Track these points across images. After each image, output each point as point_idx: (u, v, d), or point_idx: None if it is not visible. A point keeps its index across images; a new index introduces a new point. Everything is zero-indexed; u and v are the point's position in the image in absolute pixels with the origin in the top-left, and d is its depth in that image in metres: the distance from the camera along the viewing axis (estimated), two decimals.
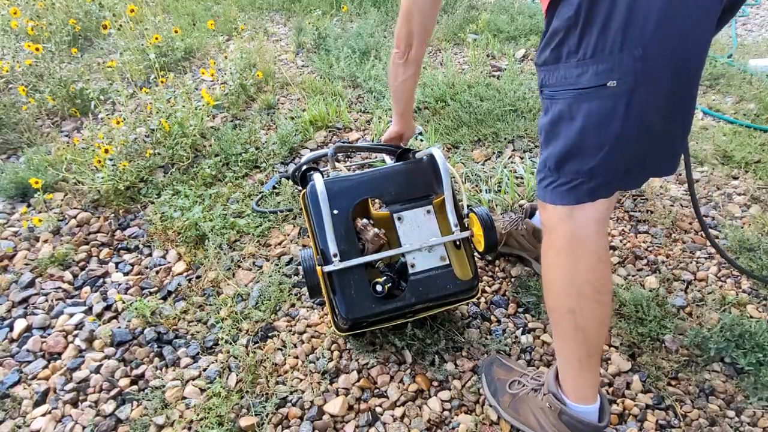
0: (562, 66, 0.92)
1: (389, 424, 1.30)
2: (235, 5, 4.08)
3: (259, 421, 1.30)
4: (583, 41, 0.87)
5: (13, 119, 2.44)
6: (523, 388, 1.25)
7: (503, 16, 3.62)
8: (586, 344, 1.06)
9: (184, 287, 1.69)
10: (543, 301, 1.59)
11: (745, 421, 1.29)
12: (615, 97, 0.87)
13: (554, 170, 0.99)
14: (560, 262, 1.03)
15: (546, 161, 1.01)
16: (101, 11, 3.45)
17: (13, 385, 1.40)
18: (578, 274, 1.02)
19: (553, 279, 1.06)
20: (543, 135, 1.01)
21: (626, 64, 0.85)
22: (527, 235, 1.65)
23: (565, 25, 0.89)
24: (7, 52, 2.98)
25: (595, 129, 0.91)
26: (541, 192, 1.04)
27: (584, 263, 1.01)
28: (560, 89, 0.93)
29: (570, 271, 1.02)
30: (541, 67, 0.97)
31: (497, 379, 1.32)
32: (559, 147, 0.97)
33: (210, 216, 1.91)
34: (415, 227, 1.37)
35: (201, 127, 2.34)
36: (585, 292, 1.02)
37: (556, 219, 1.02)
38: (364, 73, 2.90)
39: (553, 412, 1.15)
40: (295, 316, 1.59)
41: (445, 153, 2.28)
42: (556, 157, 0.98)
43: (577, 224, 1.00)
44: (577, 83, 0.90)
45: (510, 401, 1.26)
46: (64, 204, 2.03)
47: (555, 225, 1.03)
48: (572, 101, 0.92)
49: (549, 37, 0.93)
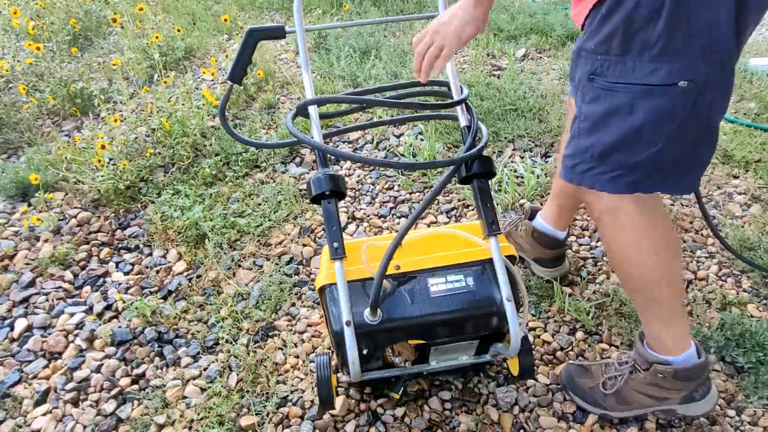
0: (631, 59, 0.88)
1: (390, 423, 1.30)
2: (235, 4, 4.07)
3: (259, 421, 1.30)
4: (661, 37, 0.84)
5: (14, 119, 2.43)
6: (619, 379, 1.25)
7: (503, 15, 3.61)
8: (681, 294, 1.14)
9: (185, 287, 1.69)
10: (544, 300, 1.60)
11: (745, 420, 1.29)
12: (683, 96, 0.87)
13: (597, 159, 0.99)
14: (643, 235, 1.05)
15: (588, 149, 1.00)
16: (102, 11, 3.45)
17: (14, 385, 1.41)
18: (661, 238, 1.05)
19: (639, 254, 1.07)
20: (587, 122, 0.99)
21: (701, 66, 0.85)
22: (525, 236, 1.65)
23: (646, 16, 0.84)
24: (8, 52, 2.98)
25: (654, 126, 0.91)
26: (579, 177, 1.03)
27: (663, 226, 1.05)
28: (624, 82, 0.90)
29: (654, 238, 1.05)
30: (595, 54, 0.93)
31: (589, 389, 1.30)
32: (609, 137, 0.96)
33: (210, 215, 1.91)
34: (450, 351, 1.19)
35: (201, 127, 2.34)
36: (672, 252, 1.08)
37: (617, 200, 1.02)
38: (364, 73, 2.90)
39: (666, 378, 1.18)
40: (296, 316, 1.59)
41: (445, 152, 2.28)
42: (604, 146, 0.97)
43: (644, 198, 1.01)
44: (647, 79, 0.88)
45: (616, 400, 1.26)
46: (65, 203, 2.03)
47: (620, 205, 1.03)
48: (636, 96, 0.90)
49: (619, 24, 0.88)
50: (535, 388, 1.37)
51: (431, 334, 1.11)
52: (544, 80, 2.82)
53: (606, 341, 1.49)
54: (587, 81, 0.97)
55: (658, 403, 1.22)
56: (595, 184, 1.02)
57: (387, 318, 1.07)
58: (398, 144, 2.35)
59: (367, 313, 1.06)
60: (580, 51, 0.98)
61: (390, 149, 2.32)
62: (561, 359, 1.45)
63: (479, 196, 1.12)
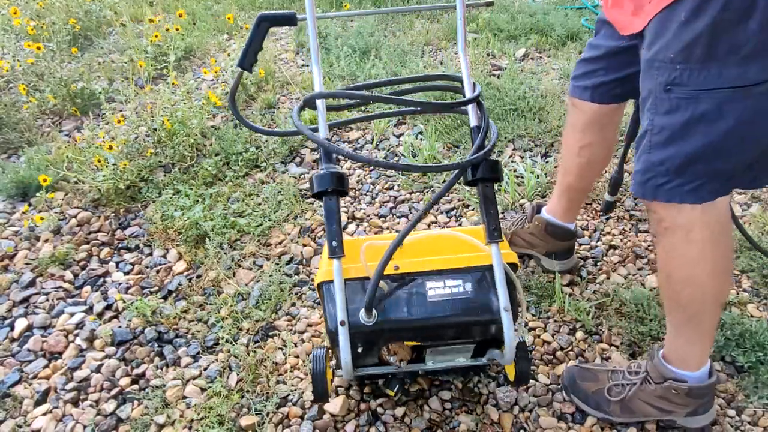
0: (716, 64, 0.85)
1: (390, 423, 1.30)
2: (235, 4, 4.07)
3: (259, 421, 1.30)
4: (752, 38, 0.82)
5: (14, 118, 2.43)
6: (627, 389, 1.25)
7: (503, 15, 3.61)
8: (719, 316, 1.13)
9: (185, 286, 1.69)
10: (544, 299, 1.60)
11: (745, 420, 1.29)
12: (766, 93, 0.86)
13: (674, 171, 0.96)
14: (708, 255, 1.03)
15: (664, 162, 0.96)
16: (102, 11, 3.45)
17: (14, 385, 1.41)
18: (726, 259, 1.05)
19: (701, 273, 1.05)
20: (663, 134, 0.95)
21: None
22: (537, 231, 1.65)
23: (734, 18, 0.81)
24: (8, 52, 2.98)
25: (744, 128, 0.89)
26: (654, 192, 1.00)
27: (727, 246, 1.05)
28: (709, 89, 0.87)
29: (720, 259, 1.04)
30: (674, 64, 0.89)
31: (592, 392, 1.30)
32: (690, 147, 0.93)
33: (210, 215, 1.91)
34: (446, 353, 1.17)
35: (202, 127, 2.34)
36: (728, 272, 1.08)
37: (689, 215, 0.99)
38: (364, 73, 2.90)
39: (680, 394, 1.17)
40: (296, 316, 1.59)
41: (445, 152, 2.28)
42: (684, 157, 0.94)
43: (719, 213, 1.00)
44: (734, 82, 0.85)
45: (620, 408, 1.26)
46: (65, 203, 2.03)
47: (692, 221, 1.00)
48: (723, 100, 0.87)
49: (704, 29, 0.84)
50: (535, 388, 1.37)
51: (427, 337, 1.11)
52: (544, 80, 2.82)
53: (606, 341, 1.49)
54: (663, 92, 0.92)
55: (663, 415, 1.23)
56: (674, 197, 0.98)
57: (382, 319, 1.06)
58: (398, 144, 2.35)
59: (362, 313, 1.05)
60: (652, 62, 0.93)
61: (390, 149, 2.32)
62: (561, 359, 1.45)
63: (483, 200, 1.09)
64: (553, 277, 1.66)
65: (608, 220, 1.93)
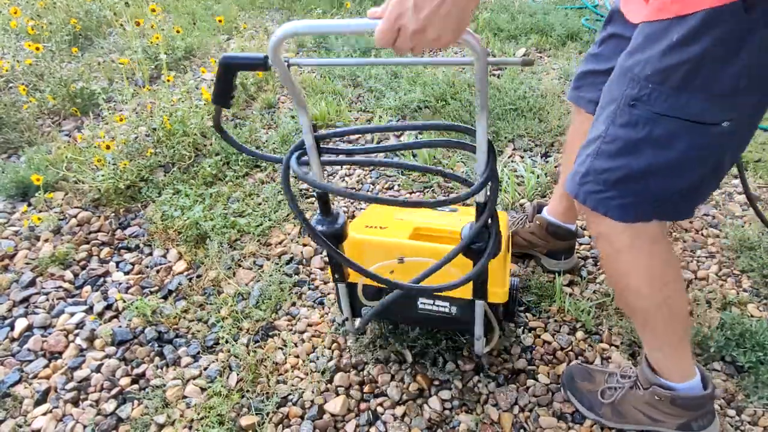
0: (687, 94, 0.84)
1: (390, 423, 1.30)
2: (236, 4, 4.08)
3: (259, 420, 1.30)
4: (730, 80, 0.81)
5: (14, 118, 2.43)
6: (618, 392, 1.25)
7: (503, 15, 3.62)
8: (681, 324, 1.11)
9: (185, 286, 1.69)
10: (544, 299, 1.60)
11: (745, 420, 1.29)
12: (721, 135, 0.86)
13: (611, 183, 0.95)
14: (640, 263, 1.03)
15: (606, 171, 0.96)
16: (102, 11, 3.45)
17: (14, 385, 1.41)
18: (659, 267, 1.03)
19: (637, 281, 1.05)
20: (614, 145, 0.94)
21: (745, 107, 0.85)
22: (538, 231, 1.65)
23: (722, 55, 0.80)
24: (8, 52, 2.98)
25: (688, 161, 0.89)
26: (585, 196, 1.00)
27: (660, 255, 1.03)
28: (671, 115, 0.86)
29: (651, 267, 1.03)
30: (647, 82, 0.87)
31: (587, 392, 1.31)
32: (636, 165, 0.92)
33: (210, 215, 1.91)
34: None
35: (202, 126, 2.34)
36: (670, 279, 1.05)
37: (611, 226, 1.00)
38: (364, 72, 2.90)
39: (664, 402, 1.17)
40: (296, 315, 1.59)
41: (445, 152, 2.28)
42: (626, 173, 0.93)
43: (642, 230, 0.99)
44: (697, 117, 0.85)
45: (611, 410, 1.26)
46: (65, 203, 2.03)
47: (620, 230, 1.00)
48: (679, 130, 0.87)
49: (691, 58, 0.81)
50: (535, 388, 1.37)
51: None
52: (544, 80, 2.82)
53: (606, 341, 1.49)
54: (626, 105, 0.91)
55: (653, 423, 1.22)
56: (600, 208, 0.99)
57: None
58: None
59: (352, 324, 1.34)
60: (626, 72, 0.91)
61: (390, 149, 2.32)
62: (561, 359, 1.45)
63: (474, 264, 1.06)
64: (554, 276, 1.66)
65: None
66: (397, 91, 2.70)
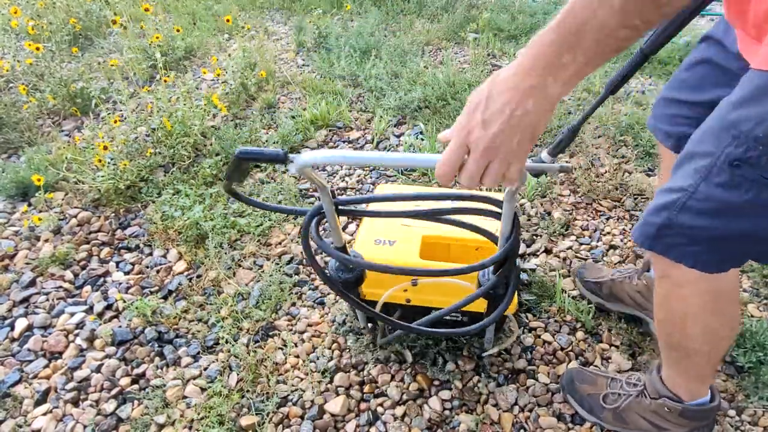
0: None
1: (390, 423, 1.30)
2: (236, 4, 4.08)
3: (259, 420, 1.30)
4: None
5: (14, 118, 2.43)
6: (623, 399, 1.24)
7: (504, 15, 3.62)
8: (715, 362, 1.11)
9: (185, 286, 1.69)
10: (545, 299, 1.60)
11: (745, 420, 1.29)
12: None
13: (703, 242, 0.87)
14: (704, 320, 0.99)
15: (695, 229, 0.86)
16: (102, 11, 3.45)
17: (14, 385, 1.41)
18: (723, 327, 1.01)
19: (694, 325, 1.01)
20: (707, 205, 0.84)
21: None
22: (646, 292, 1.47)
23: None
24: (8, 52, 2.98)
25: None
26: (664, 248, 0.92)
27: (729, 315, 1.00)
28: None
29: (714, 324, 1.00)
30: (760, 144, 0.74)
31: (588, 395, 1.30)
32: (737, 228, 0.84)
33: (210, 215, 1.91)
34: None
35: (202, 127, 2.34)
36: (725, 336, 1.04)
37: (693, 275, 0.92)
38: (364, 72, 2.90)
39: (672, 413, 1.16)
40: (296, 315, 1.59)
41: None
42: (724, 234, 0.85)
43: (721, 280, 0.92)
44: None
45: (614, 415, 1.25)
46: (65, 203, 2.03)
47: (693, 280, 0.93)
48: None
49: None
50: (534, 388, 1.37)
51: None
52: None
53: (606, 341, 1.49)
54: (727, 164, 0.79)
55: (656, 431, 1.22)
56: (685, 260, 0.90)
57: None
58: (398, 144, 2.36)
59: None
60: (730, 127, 0.78)
61: (390, 149, 2.32)
62: (561, 359, 1.45)
63: None
64: (554, 277, 1.65)
65: (608, 220, 1.93)
66: (397, 91, 2.70)
